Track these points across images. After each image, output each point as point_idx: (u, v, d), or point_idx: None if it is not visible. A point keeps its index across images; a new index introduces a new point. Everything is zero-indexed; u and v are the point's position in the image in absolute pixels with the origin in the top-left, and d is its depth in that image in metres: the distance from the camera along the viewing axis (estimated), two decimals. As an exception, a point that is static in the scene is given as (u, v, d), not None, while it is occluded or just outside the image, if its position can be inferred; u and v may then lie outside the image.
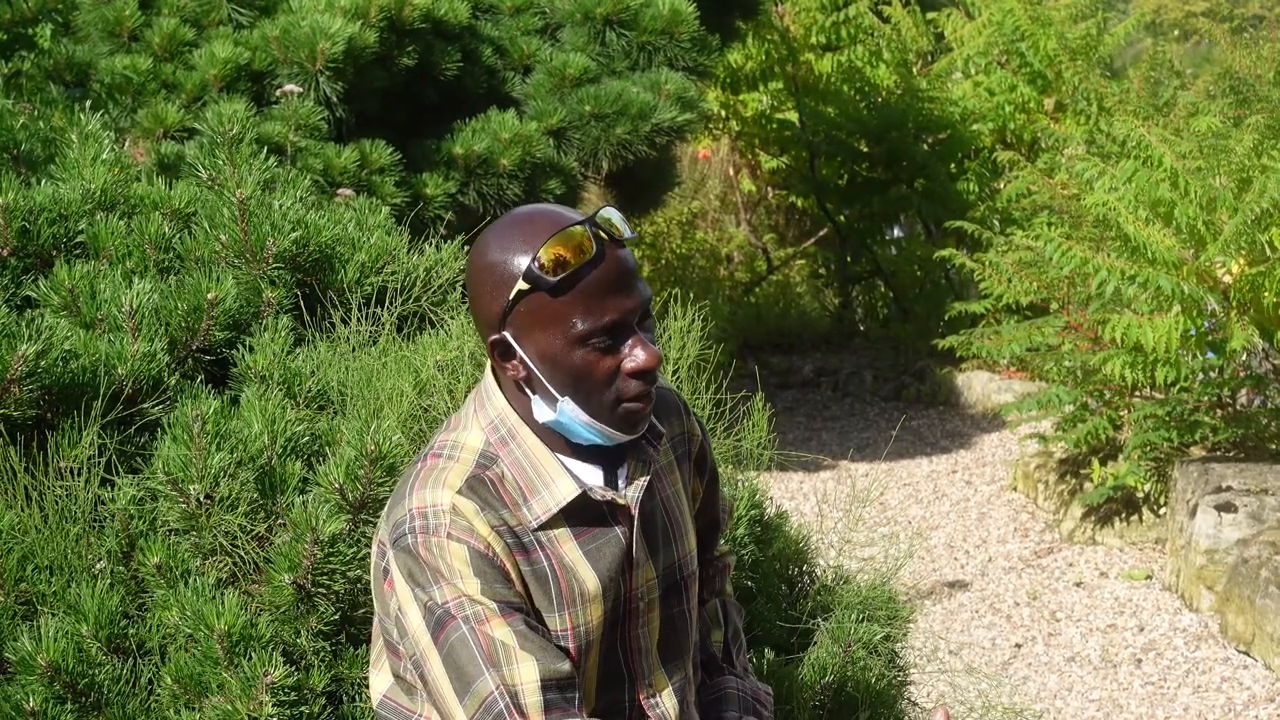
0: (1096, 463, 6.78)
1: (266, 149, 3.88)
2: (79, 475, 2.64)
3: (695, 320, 3.54)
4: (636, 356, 1.87)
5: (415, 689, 1.94)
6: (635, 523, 1.96)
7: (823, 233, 11.31)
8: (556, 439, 1.93)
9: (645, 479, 1.97)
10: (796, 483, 7.68)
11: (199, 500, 2.58)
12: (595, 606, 1.93)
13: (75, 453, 2.67)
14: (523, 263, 1.83)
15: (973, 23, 10.12)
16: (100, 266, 3.16)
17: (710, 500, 2.22)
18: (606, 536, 1.94)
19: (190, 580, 2.51)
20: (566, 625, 1.91)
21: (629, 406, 1.89)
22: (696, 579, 2.09)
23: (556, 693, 1.84)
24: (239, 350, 2.98)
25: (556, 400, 1.88)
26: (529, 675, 1.83)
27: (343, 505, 2.54)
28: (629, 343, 1.87)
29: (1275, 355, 6.39)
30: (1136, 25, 10.25)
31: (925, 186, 10.06)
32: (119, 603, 2.52)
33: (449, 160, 5.95)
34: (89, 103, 5.08)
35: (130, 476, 2.67)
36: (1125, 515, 6.67)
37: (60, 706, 2.42)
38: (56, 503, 2.61)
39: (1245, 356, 6.43)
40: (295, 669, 2.45)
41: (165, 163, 4.31)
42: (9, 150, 3.70)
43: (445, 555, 1.85)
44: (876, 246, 10.99)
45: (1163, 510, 6.55)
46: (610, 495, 1.93)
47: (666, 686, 2.02)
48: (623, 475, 1.96)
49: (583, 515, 1.93)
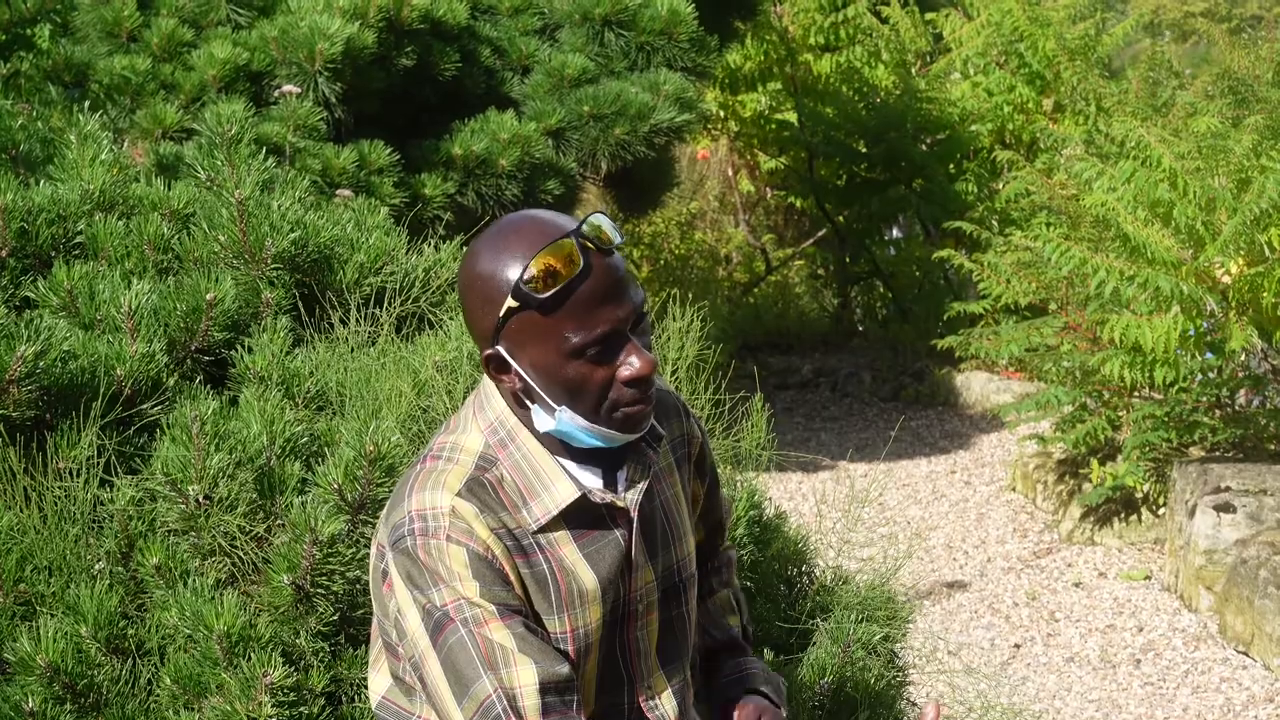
0: (1095, 463, 6.78)
1: (265, 149, 3.87)
2: (78, 476, 2.64)
3: (694, 321, 3.54)
4: (631, 364, 1.86)
5: (414, 690, 1.94)
6: (635, 525, 1.96)
7: (821, 233, 11.31)
8: (556, 442, 1.93)
9: (645, 482, 1.97)
10: (795, 483, 7.68)
11: (198, 501, 2.58)
12: (594, 609, 1.93)
13: (74, 453, 2.67)
14: (511, 279, 1.82)
15: (971, 23, 10.11)
16: (99, 267, 3.16)
17: (712, 502, 2.22)
18: (606, 539, 1.94)
19: (189, 581, 2.51)
20: (566, 628, 1.91)
21: (628, 410, 1.89)
22: (695, 581, 2.08)
23: (555, 695, 1.84)
24: (238, 351, 2.98)
25: (555, 410, 1.88)
26: (527, 678, 1.83)
27: (341, 506, 2.54)
28: (623, 350, 1.86)
29: (1274, 355, 6.39)
30: (1135, 26, 10.25)
31: (924, 187, 10.05)
32: (118, 603, 2.52)
33: (447, 161, 5.95)
34: (87, 103, 5.08)
35: (129, 477, 2.67)
36: (1124, 516, 6.67)
37: (59, 707, 2.42)
38: (55, 503, 2.61)
39: (1244, 357, 6.43)
40: (294, 669, 2.45)
41: (164, 163, 4.30)
42: (8, 151, 3.70)
43: (444, 558, 1.85)
44: (875, 247, 10.99)
45: (1161, 511, 6.55)
46: (609, 498, 1.93)
47: (666, 689, 2.02)
48: (622, 478, 1.96)
49: (582, 518, 1.93)
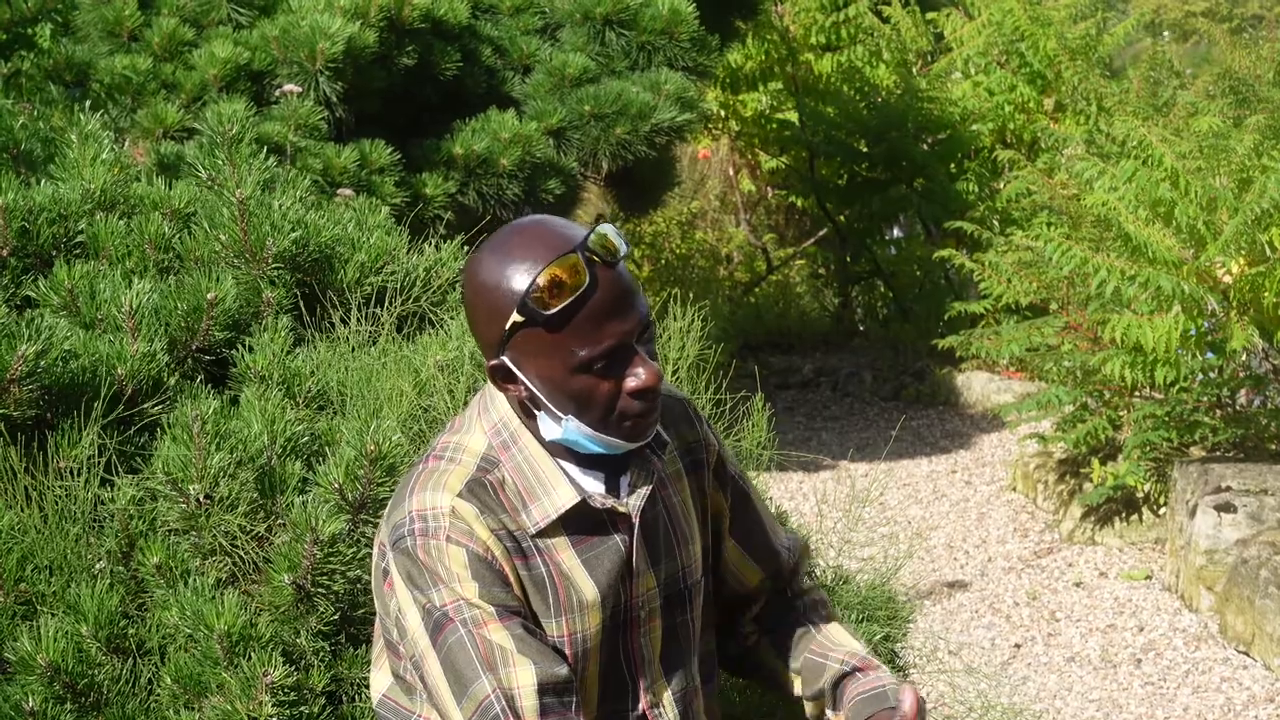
0: (1096, 463, 6.77)
1: (266, 149, 3.87)
2: (79, 475, 2.64)
3: (695, 320, 3.54)
4: (638, 375, 1.86)
5: (415, 689, 1.95)
6: (636, 531, 1.95)
7: (822, 233, 11.30)
8: (560, 446, 1.93)
9: (648, 488, 1.96)
10: (796, 483, 7.68)
11: (199, 500, 2.58)
12: (593, 615, 1.92)
13: (75, 453, 2.67)
14: (517, 293, 1.81)
15: (972, 23, 10.10)
16: (100, 266, 3.16)
17: (751, 524, 2.17)
18: (605, 545, 1.94)
19: (190, 580, 2.51)
20: (564, 632, 1.91)
21: (634, 420, 1.89)
22: (701, 589, 2.07)
23: (553, 697, 1.84)
24: (239, 350, 2.98)
25: (561, 419, 1.88)
26: (526, 679, 1.83)
27: (342, 505, 2.54)
28: (630, 362, 1.86)
29: (1275, 355, 6.39)
30: (1136, 25, 10.25)
31: (925, 186, 10.05)
32: (119, 603, 2.52)
33: (448, 160, 5.95)
34: (89, 103, 5.08)
35: (130, 476, 2.67)
36: (1125, 515, 6.67)
37: (60, 706, 2.42)
38: (56, 503, 2.61)
39: (1245, 357, 6.43)
40: (295, 669, 2.45)
41: (165, 163, 4.30)
42: (9, 150, 3.69)
43: (444, 558, 1.85)
44: (876, 246, 10.98)
45: (1162, 510, 6.55)
46: (610, 503, 1.93)
47: (669, 695, 2.02)
48: (625, 483, 1.96)
49: (581, 523, 1.92)
